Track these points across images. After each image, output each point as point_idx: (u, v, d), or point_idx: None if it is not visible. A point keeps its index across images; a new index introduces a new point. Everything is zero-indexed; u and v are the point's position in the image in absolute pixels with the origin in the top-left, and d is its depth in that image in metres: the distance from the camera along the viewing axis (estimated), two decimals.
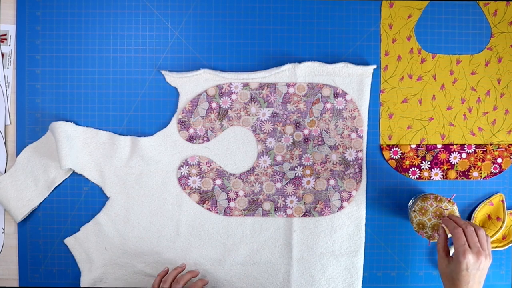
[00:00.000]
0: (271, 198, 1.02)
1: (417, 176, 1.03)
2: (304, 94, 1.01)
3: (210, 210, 1.02)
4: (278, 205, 1.02)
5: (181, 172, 1.02)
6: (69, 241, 1.03)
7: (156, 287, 0.94)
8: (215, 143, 1.02)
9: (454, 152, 1.03)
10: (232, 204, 1.02)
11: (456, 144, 1.03)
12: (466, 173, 1.03)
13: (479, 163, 1.03)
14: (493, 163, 1.03)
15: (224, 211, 1.02)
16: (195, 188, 1.02)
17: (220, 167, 1.02)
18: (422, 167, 1.03)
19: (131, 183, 1.02)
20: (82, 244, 1.02)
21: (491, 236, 1.02)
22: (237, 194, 1.02)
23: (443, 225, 0.92)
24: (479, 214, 1.03)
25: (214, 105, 1.01)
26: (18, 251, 1.04)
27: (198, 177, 1.02)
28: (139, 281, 1.03)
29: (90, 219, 1.03)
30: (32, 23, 1.02)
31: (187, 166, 1.02)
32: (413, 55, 1.02)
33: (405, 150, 1.02)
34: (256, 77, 1.01)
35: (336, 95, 1.01)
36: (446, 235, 0.91)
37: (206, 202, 1.02)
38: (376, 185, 1.03)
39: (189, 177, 1.02)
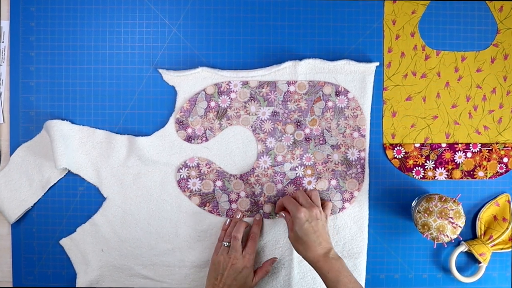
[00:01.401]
0: (272, 200, 1.01)
1: (421, 176, 1.02)
2: (305, 92, 1.00)
3: (212, 213, 1.01)
4: None
5: (180, 175, 1.01)
6: (64, 242, 1.02)
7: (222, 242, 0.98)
8: (214, 143, 1.01)
9: (459, 151, 1.02)
10: (234, 205, 1.01)
11: (461, 143, 1.02)
12: (471, 172, 1.02)
13: (484, 163, 1.02)
14: (499, 162, 1.02)
15: (226, 212, 1.01)
16: (195, 190, 1.01)
17: (220, 168, 1.01)
18: (426, 167, 1.02)
19: (128, 183, 1.01)
20: (78, 245, 1.01)
21: (497, 238, 1.01)
22: (238, 195, 1.01)
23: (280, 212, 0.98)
24: (485, 215, 1.02)
25: (212, 104, 1.00)
26: (12, 253, 1.03)
27: (198, 179, 1.01)
28: (137, 284, 1.02)
29: (86, 220, 1.02)
30: (26, 19, 1.01)
31: (186, 168, 1.01)
32: (417, 51, 1.01)
33: (409, 149, 1.02)
34: (256, 75, 1.00)
35: (338, 93, 1.00)
36: (288, 213, 0.95)
37: (207, 204, 1.01)
38: (379, 185, 1.02)
39: (189, 180, 1.01)
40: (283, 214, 0.96)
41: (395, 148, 1.02)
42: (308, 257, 0.90)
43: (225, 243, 0.96)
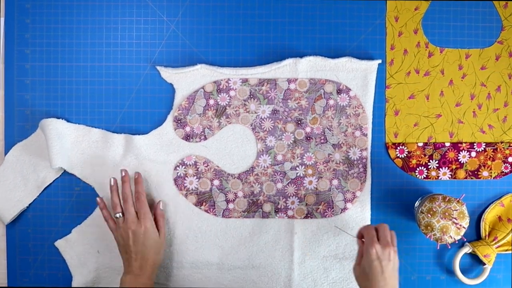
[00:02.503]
0: (271, 199, 1.01)
1: (425, 176, 1.01)
2: (305, 90, 1.00)
3: (208, 212, 1.01)
4: (279, 206, 1.01)
5: (177, 173, 1.00)
6: (59, 244, 1.01)
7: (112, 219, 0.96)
8: (213, 142, 1.00)
9: (463, 151, 1.01)
10: (231, 205, 1.01)
11: (465, 142, 1.01)
12: (475, 172, 1.01)
13: (489, 162, 1.01)
14: (504, 162, 1.01)
15: (223, 212, 1.01)
16: (192, 189, 1.00)
17: (218, 167, 1.00)
18: (429, 166, 1.01)
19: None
20: (73, 247, 1.01)
21: (502, 239, 1.00)
22: (236, 195, 1.00)
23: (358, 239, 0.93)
24: (489, 216, 1.01)
25: (211, 102, 1.00)
26: (7, 254, 1.02)
27: (195, 177, 1.00)
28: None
29: (82, 221, 1.01)
30: (21, 16, 1.00)
31: (184, 166, 1.00)
32: (420, 49, 1.00)
33: (412, 148, 1.01)
34: (256, 73, 0.99)
35: (339, 91, 1.00)
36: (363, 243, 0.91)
37: (204, 203, 1.00)
38: (382, 185, 1.02)
39: (186, 178, 1.00)
40: (358, 242, 0.92)
41: (398, 148, 1.01)
42: None
43: (117, 215, 0.94)
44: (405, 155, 1.01)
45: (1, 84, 1.01)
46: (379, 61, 0.99)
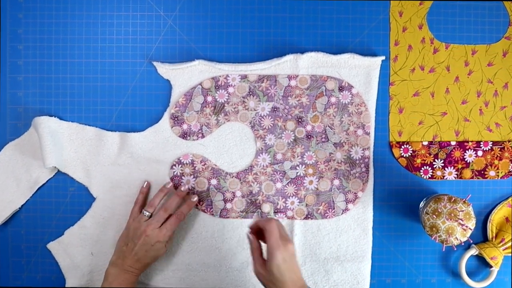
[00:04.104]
0: (270, 199, 1.00)
1: (430, 176, 1.00)
2: (306, 87, 0.99)
3: (205, 212, 1.00)
4: (278, 207, 1.00)
5: (174, 172, 1.00)
6: (52, 246, 1.00)
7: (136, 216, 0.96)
8: (211, 140, 1.00)
9: (469, 150, 1.00)
10: (228, 205, 1.00)
11: (471, 141, 1.00)
12: (482, 172, 1.01)
13: (496, 162, 1.00)
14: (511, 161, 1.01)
15: (220, 212, 1.00)
16: (189, 188, 1.00)
17: (216, 165, 1.00)
18: (434, 166, 1.00)
19: (119, 182, 1.00)
20: (66, 249, 1.00)
21: (509, 241, 0.99)
22: (234, 195, 1.00)
23: (250, 234, 0.88)
24: (496, 217, 1.01)
25: (209, 98, 0.99)
26: None
27: (192, 176, 1.00)
28: None
29: (76, 222, 1.00)
30: (14, 10, 1.00)
31: (180, 165, 1.00)
32: (425, 45, 1.00)
33: (417, 147, 1.00)
34: (255, 69, 0.99)
35: (341, 89, 0.99)
36: (259, 242, 0.88)
37: (201, 203, 1.00)
38: (385, 185, 1.01)
39: (183, 177, 1.00)
40: (251, 238, 0.87)
41: (402, 146, 1.00)
42: None
43: (146, 212, 0.94)
44: (410, 154, 1.00)
45: None
46: (383, 57, 0.99)
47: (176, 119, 0.99)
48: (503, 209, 1.01)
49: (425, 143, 1.00)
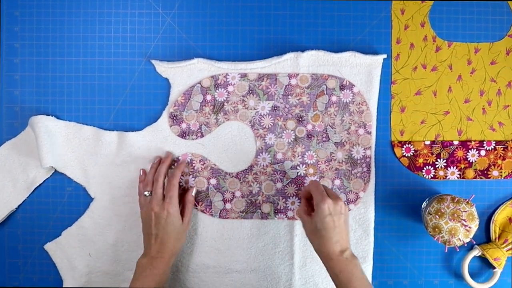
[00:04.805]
0: (270, 199, 1.00)
1: (432, 176, 1.00)
2: (307, 85, 0.99)
3: (204, 212, 1.00)
4: (278, 207, 1.00)
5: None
6: (49, 247, 1.00)
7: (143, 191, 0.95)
8: (210, 139, 0.99)
9: (472, 149, 1.00)
10: (228, 205, 1.00)
11: (474, 141, 1.00)
12: (485, 172, 1.00)
13: (499, 161, 1.00)
14: None
15: (220, 213, 1.00)
16: (188, 188, 0.99)
17: (215, 165, 0.99)
18: (437, 166, 1.00)
19: (117, 182, 0.99)
20: (64, 250, 1.00)
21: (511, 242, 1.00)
22: (233, 195, 1.00)
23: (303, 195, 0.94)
24: (500, 217, 1.00)
25: (208, 97, 0.99)
26: None
27: (191, 176, 0.99)
28: None
29: (73, 223, 1.00)
30: (10, 8, 0.99)
31: None
32: (427, 43, 0.99)
33: (419, 147, 1.00)
34: (255, 67, 0.98)
35: (342, 87, 0.99)
36: (307, 200, 0.93)
37: (200, 203, 1.00)
38: (386, 185, 1.01)
39: (181, 177, 0.99)
40: (303, 201, 0.93)
41: (404, 146, 1.00)
42: (322, 253, 0.87)
43: (146, 193, 0.94)
44: (412, 153, 1.00)
45: None
46: (384, 55, 0.98)
47: (174, 118, 0.98)
48: (507, 210, 1.00)
49: (427, 142, 1.00)
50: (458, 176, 1.00)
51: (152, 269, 0.89)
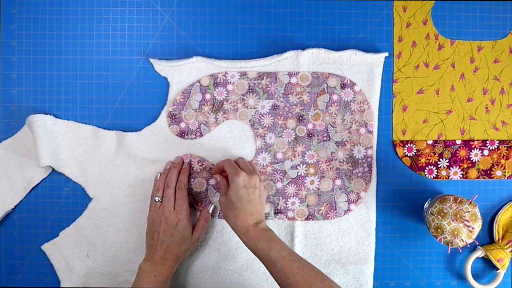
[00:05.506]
0: (270, 200, 0.99)
1: (434, 176, 1.00)
2: (308, 84, 0.98)
3: None
4: (279, 207, 0.99)
5: None
6: (47, 247, 0.99)
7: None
8: (209, 139, 0.99)
9: (475, 149, 0.99)
10: None
11: (477, 140, 1.00)
12: (488, 172, 1.00)
13: (502, 161, 1.00)
14: None
15: (219, 214, 0.99)
16: (188, 189, 0.99)
17: (214, 165, 0.99)
18: (439, 166, 0.99)
19: (116, 182, 0.99)
20: (61, 250, 0.99)
21: None
22: None
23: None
24: (503, 218, 1.00)
25: (208, 96, 0.98)
26: None
27: (190, 177, 0.99)
28: None
29: (71, 223, 1.00)
30: (7, 5, 0.98)
31: None
32: (430, 41, 0.99)
33: (421, 146, 0.99)
34: (255, 66, 0.98)
35: (343, 86, 0.98)
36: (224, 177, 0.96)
37: (199, 204, 0.99)
38: (388, 185, 1.00)
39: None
40: (218, 178, 0.96)
41: (406, 145, 0.99)
42: (237, 226, 0.89)
43: (156, 198, 0.95)
44: (414, 153, 1.00)
45: None
46: (386, 54, 0.98)
47: (173, 117, 0.98)
48: (510, 210, 1.00)
49: (430, 142, 0.99)
50: (461, 176, 0.99)
51: (157, 276, 0.89)
